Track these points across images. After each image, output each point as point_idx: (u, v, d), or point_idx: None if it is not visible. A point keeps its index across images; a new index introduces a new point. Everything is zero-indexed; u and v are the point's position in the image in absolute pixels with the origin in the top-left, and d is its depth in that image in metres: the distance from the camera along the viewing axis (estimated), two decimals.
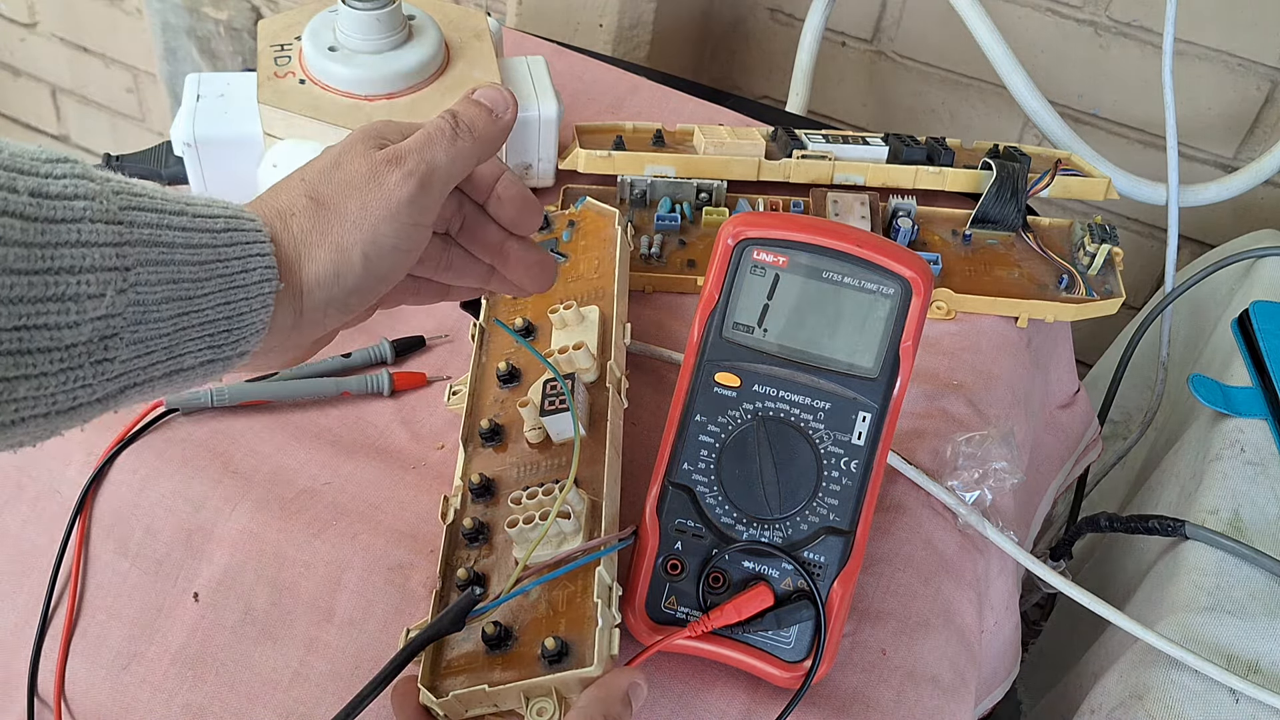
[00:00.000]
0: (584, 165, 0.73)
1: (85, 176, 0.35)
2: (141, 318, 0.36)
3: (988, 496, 0.60)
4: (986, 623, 0.63)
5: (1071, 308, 0.71)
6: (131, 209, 0.36)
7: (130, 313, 0.36)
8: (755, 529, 0.51)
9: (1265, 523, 0.65)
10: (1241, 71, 1.01)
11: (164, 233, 0.37)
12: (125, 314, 0.36)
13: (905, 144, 0.77)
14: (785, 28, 1.20)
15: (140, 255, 0.36)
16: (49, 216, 0.34)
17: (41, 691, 0.54)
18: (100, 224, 0.35)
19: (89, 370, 0.35)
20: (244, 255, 0.39)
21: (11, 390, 0.33)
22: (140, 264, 0.36)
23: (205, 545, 0.56)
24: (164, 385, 0.39)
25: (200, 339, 0.39)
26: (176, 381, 0.39)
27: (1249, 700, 0.57)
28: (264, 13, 1.42)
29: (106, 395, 0.36)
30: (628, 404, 0.57)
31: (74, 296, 0.34)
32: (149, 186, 0.38)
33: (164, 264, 0.37)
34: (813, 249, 0.51)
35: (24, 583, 0.56)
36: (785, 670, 0.50)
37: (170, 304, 0.37)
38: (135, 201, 0.37)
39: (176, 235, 0.37)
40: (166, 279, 0.37)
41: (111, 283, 0.35)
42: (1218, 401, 0.72)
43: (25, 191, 0.33)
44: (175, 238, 0.37)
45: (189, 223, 0.38)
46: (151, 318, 0.37)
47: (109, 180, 0.36)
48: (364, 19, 0.63)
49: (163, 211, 0.37)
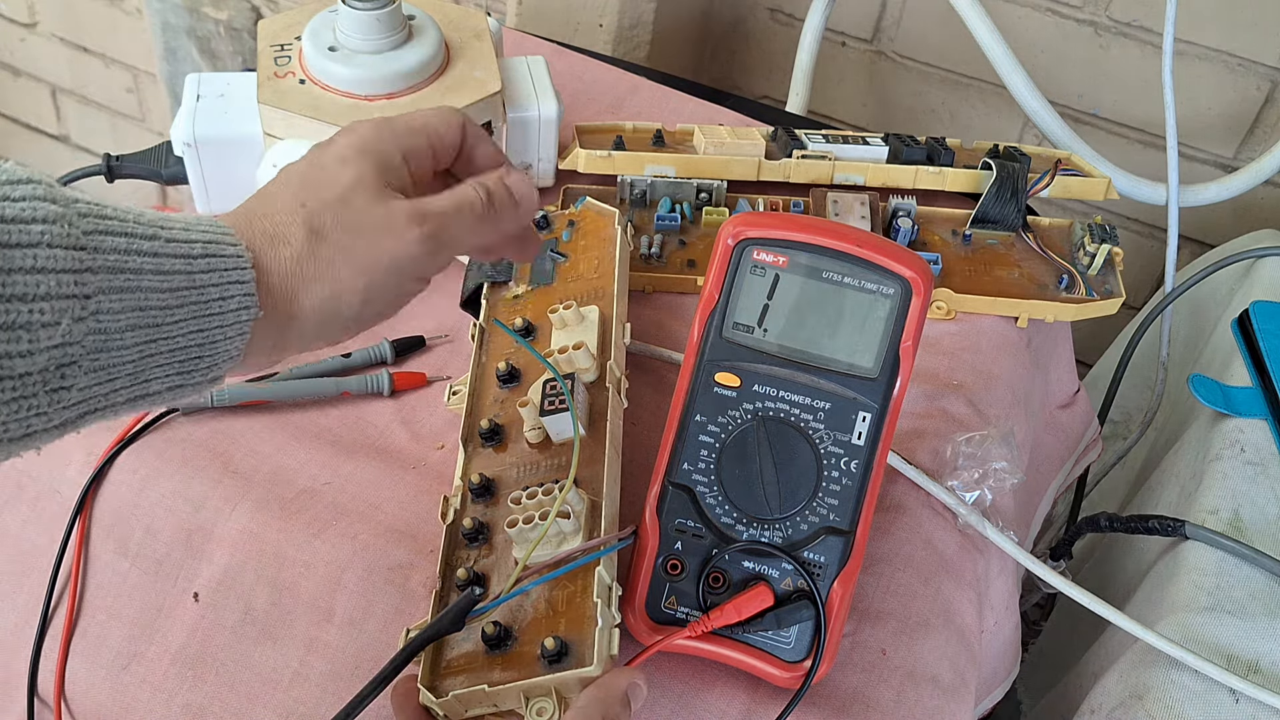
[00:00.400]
0: (584, 165, 0.73)
1: (47, 199, 0.34)
2: (103, 345, 0.35)
3: (988, 496, 0.60)
4: (986, 623, 0.63)
5: (1071, 308, 0.71)
6: (98, 233, 0.35)
7: (90, 341, 0.34)
8: (755, 529, 0.51)
9: (1265, 523, 0.65)
10: (1241, 71, 1.01)
11: (131, 259, 0.36)
12: (85, 342, 0.34)
13: (905, 144, 0.77)
14: (785, 28, 1.20)
15: (103, 282, 0.35)
16: (3, 241, 0.32)
17: (41, 691, 0.54)
18: (59, 249, 0.33)
19: (43, 399, 0.34)
20: (221, 282, 0.38)
21: None
22: (102, 291, 0.35)
23: (205, 545, 0.56)
24: (128, 409, 0.38)
25: (169, 365, 0.38)
26: (141, 405, 0.38)
27: (1249, 700, 0.57)
28: (264, 13, 1.42)
29: (65, 422, 0.35)
30: (628, 404, 0.57)
31: (26, 325, 0.32)
32: (121, 209, 0.37)
33: (129, 290, 0.35)
34: (813, 249, 0.51)
35: (24, 583, 0.56)
36: (785, 670, 0.50)
37: (136, 331, 0.36)
38: (103, 225, 0.35)
39: (145, 261, 0.36)
40: (132, 306, 0.36)
41: (69, 311, 0.34)
42: (1218, 401, 0.72)
43: None
44: (144, 264, 0.36)
45: (161, 248, 0.37)
46: (114, 345, 0.35)
47: (75, 203, 0.35)
48: (364, 19, 0.63)
49: (132, 235, 0.36)
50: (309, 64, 0.65)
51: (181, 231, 0.38)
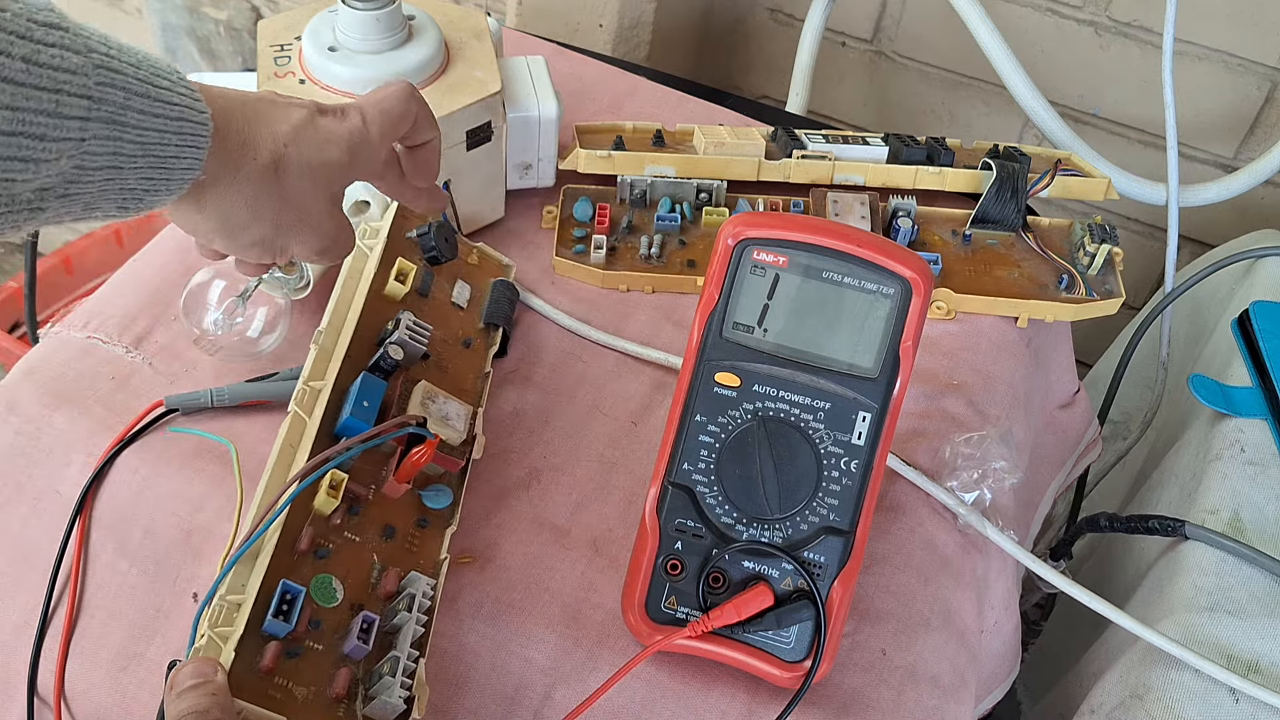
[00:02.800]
0: (584, 165, 0.73)
1: (72, 49, 0.37)
2: (78, 178, 0.39)
3: (987, 496, 0.60)
4: (986, 623, 0.63)
5: (1071, 308, 0.71)
6: (105, 85, 0.38)
7: (71, 173, 0.38)
8: (755, 529, 0.51)
9: (1265, 523, 0.65)
10: (1241, 71, 1.01)
11: (124, 113, 0.39)
12: (66, 174, 0.38)
13: (905, 144, 0.77)
14: (785, 28, 1.20)
15: (97, 130, 0.38)
16: (35, 84, 0.36)
17: (41, 691, 0.54)
18: (75, 97, 0.37)
19: (22, 216, 0.38)
20: (182, 146, 0.42)
21: None
22: (95, 137, 0.38)
23: (205, 545, 0.56)
24: (68, 222, 0.41)
25: (118, 198, 0.41)
26: (81, 222, 0.42)
27: (1249, 700, 0.57)
28: (264, 13, 1.42)
29: (21, 229, 0.39)
30: None
31: (35, 160, 0.36)
32: (124, 56, 0.40)
33: (113, 139, 0.39)
34: (813, 249, 0.51)
35: (24, 583, 0.56)
36: (785, 670, 0.50)
37: (106, 170, 0.40)
38: (110, 79, 0.39)
39: (132, 116, 0.39)
40: (110, 150, 0.39)
41: (67, 151, 0.37)
42: (1218, 401, 0.72)
43: (19, 57, 0.35)
44: (130, 119, 0.39)
45: (147, 105, 0.40)
46: (86, 179, 0.39)
47: (92, 52, 0.38)
48: (364, 19, 0.63)
49: (129, 91, 0.39)
50: (309, 64, 0.65)
51: (166, 90, 0.41)
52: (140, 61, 0.40)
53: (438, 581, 0.52)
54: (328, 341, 0.56)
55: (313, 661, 0.46)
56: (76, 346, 0.63)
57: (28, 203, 0.38)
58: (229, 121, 0.44)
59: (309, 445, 0.51)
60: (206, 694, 0.41)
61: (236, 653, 0.44)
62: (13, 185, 0.36)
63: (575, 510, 0.59)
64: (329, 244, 0.50)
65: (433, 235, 0.60)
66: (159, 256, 0.69)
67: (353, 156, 0.48)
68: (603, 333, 0.67)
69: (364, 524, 0.51)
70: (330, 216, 0.49)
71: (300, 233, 0.48)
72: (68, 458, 0.58)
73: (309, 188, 0.47)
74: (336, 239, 0.50)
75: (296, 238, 0.48)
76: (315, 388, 0.54)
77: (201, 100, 0.43)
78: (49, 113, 0.36)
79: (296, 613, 0.45)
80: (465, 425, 0.56)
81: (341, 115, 0.49)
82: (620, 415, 0.63)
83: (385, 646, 0.48)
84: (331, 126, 0.48)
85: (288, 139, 0.46)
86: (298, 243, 0.49)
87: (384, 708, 0.46)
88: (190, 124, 0.42)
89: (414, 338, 0.57)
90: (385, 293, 0.59)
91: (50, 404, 0.60)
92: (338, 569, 0.49)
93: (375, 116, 0.50)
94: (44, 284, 1.28)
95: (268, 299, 0.61)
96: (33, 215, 0.38)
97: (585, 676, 0.52)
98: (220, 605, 0.46)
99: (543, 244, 0.73)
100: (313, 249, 0.50)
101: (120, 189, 0.41)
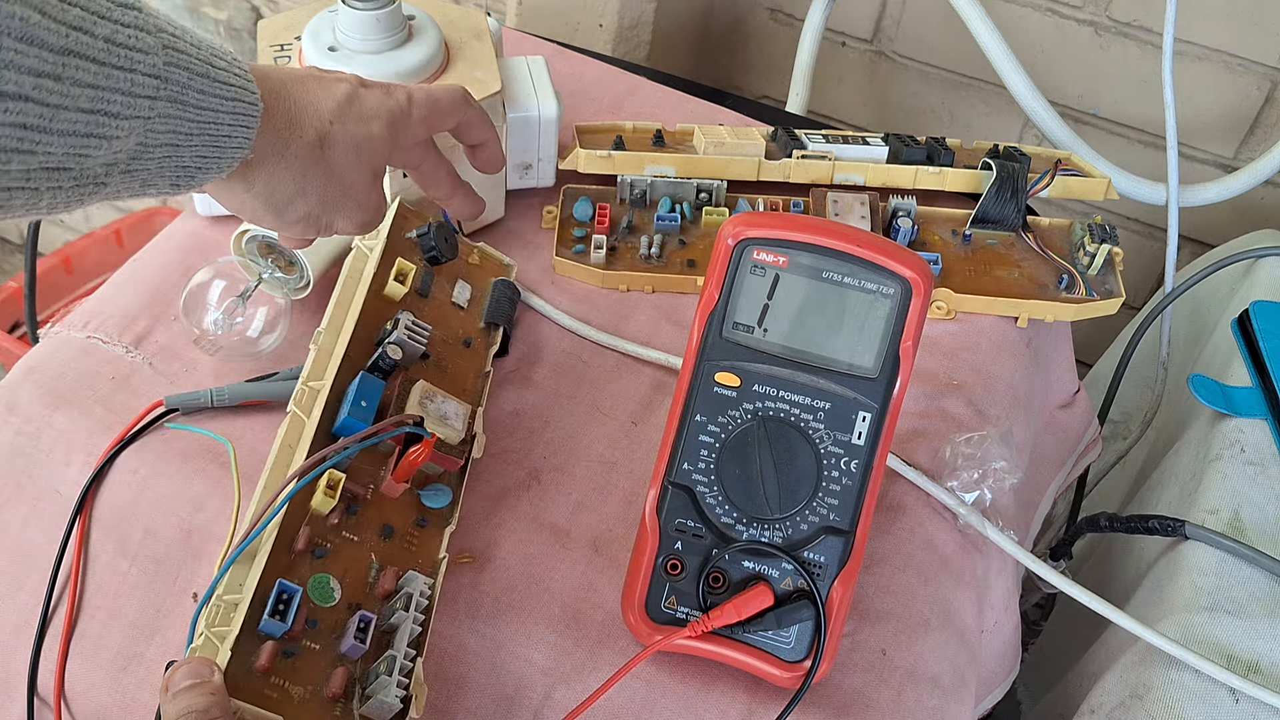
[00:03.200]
0: (584, 165, 0.73)
1: (145, 29, 0.39)
2: (140, 154, 0.40)
3: (987, 496, 0.60)
4: (986, 623, 0.63)
5: (1071, 308, 0.71)
6: (172, 65, 0.40)
7: (134, 149, 0.40)
8: (755, 529, 0.51)
9: (1265, 523, 0.65)
10: (1241, 71, 1.01)
11: (187, 93, 0.41)
12: (131, 150, 0.39)
13: (905, 144, 0.77)
14: (785, 28, 1.20)
15: (163, 109, 0.40)
16: (114, 63, 0.37)
17: (41, 691, 0.54)
18: (147, 77, 0.38)
19: (88, 190, 0.39)
20: (234, 125, 0.43)
21: (8, 198, 0.36)
22: (160, 116, 0.40)
23: (205, 545, 0.56)
24: (126, 198, 0.42)
25: (173, 175, 0.42)
26: (135, 199, 0.43)
27: (1249, 700, 0.57)
28: (264, 13, 1.42)
29: (85, 202, 0.40)
30: None
31: (107, 136, 0.38)
32: (187, 38, 0.41)
33: (175, 118, 0.40)
34: (813, 249, 0.51)
35: (24, 583, 0.56)
36: (785, 670, 0.50)
37: (164, 148, 0.41)
38: (176, 59, 0.40)
39: (193, 95, 0.41)
40: (170, 129, 0.41)
41: (136, 129, 0.39)
42: (1218, 401, 0.72)
43: (101, 37, 0.36)
44: (191, 98, 0.41)
45: (206, 85, 0.41)
46: (147, 156, 0.40)
47: (161, 32, 0.40)
48: (364, 19, 0.63)
49: (191, 71, 0.41)
50: (309, 64, 0.65)
51: (223, 71, 0.42)
52: (200, 42, 0.42)
53: (436, 581, 0.52)
54: (327, 342, 0.56)
55: (310, 661, 0.46)
56: (76, 346, 0.63)
57: (94, 178, 0.39)
58: (277, 101, 0.46)
59: (307, 445, 0.51)
60: (204, 694, 0.41)
61: (233, 652, 0.44)
62: (85, 160, 0.38)
63: (575, 510, 0.59)
64: (371, 217, 0.52)
65: (433, 235, 0.60)
66: (159, 256, 0.69)
67: (393, 132, 0.50)
68: (603, 333, 0.67)
69: (362, 523, 0.51)
70: (374, 190, 0.51)
71: (345, 207, 0.50)
72: (68, 458, 0.58)
73: (353, 162, 0.49)
74: (378, 212, 0.52)
75: (341, 212, 0.50)
76: (314, 388, 0.54)
77: (253, 81, 0.44)
78: (124, 91, 0.37)
79: (293, 612, 0.45)
80: (464, 424, 0.56)
81: (386, 91, 0.50)
82: (620, 415, 0.63)
83: (383, 646, 0.48)
84: (374, 100, 0.49)
85: (332, 115, 0.47)
86: (342, 217, 0.50)
87: (380, 707, 0.46)
88: (243, 104, 0.43)
89: (413, 337, 0.57)
90: (385, 293, 0.59)
91: (50, 404, 0.60)
92: (335, 568, 0.49)
93: (421, 99, 0.51)
94: (44, 284, 1.28)
95: (268, 299, 0.61)
96: (97, 189, 0.39)
97: (585, 676, 0.52)
98: (217, 605, 0.46)
99: (543, 244, 0.73)
100: (356, 222, 0.51)
101: (176, 166, 0.42)
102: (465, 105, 0.54)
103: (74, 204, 0.39)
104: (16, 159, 0.35)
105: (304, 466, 0.49)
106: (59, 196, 0.38)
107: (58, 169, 0.37)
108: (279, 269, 0.61)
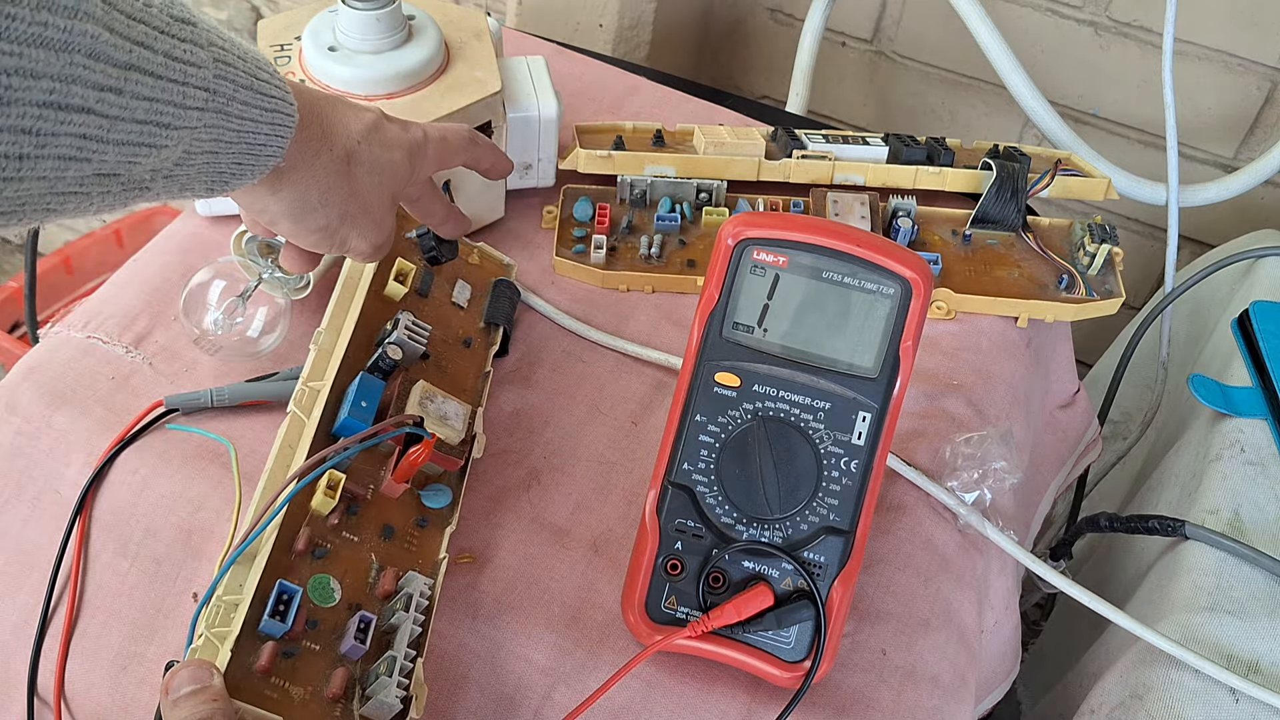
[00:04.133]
0: (584, 165, 0.73)
1: (199, 44, 0.40)
2: (184, 161, 0.41)
3: (987, 496, 0.60)
4: (986, 623, 0.63)
5: (1071, 308, 0.71)
6: (221, 78, 0.41)
7: (179, 156, 0.41)
8: (755, 529, 0.51)
9: (1265, 523, 0.65)
10: (1241, 71, 1.01)
11: (231, 104, 0.42)
12: (176, 157, 0.41)
13: (905, 144, 0.77)
14: (785, 28, 1.20)
15: (209, 120, 0.41)
16: (170, 76, 0.38)
17: (41, 691, 0.54)
18: (197, 89, 0.40)
19: (134, 193, 0.40)
20: (271, 134, 0.44)
21: (62, 202, 0.37)
22: (205, 126, 0.41)
23: (205, 545, 0.56)
24: (160, 201, 0.44)
25: (211, 179, 0.44)
26: (173, 200, 0.45)
27: (1249, 700, 0.57)
28: (264, 13, 1.42)
29: (126, 206, 0.41)
30: None
31: (157, 145, 0.39)
32: (234, 51, 0.42)
33: (218, 128, 0.42)
34: (813, 249, 0.51)
35: (24, 583, 0.56)
36: (785, 670, 0.50)
37: (205, 155, 0.42)
38: (224, 72, 0.41)
39: (236, 106, 0.42)
40: (214, 137, 0.42)
41: (184, 139, 0.40)
42: (1218, 401, 0.72)
43: (161, 52, 0.38)
44: (235, 109, 0.42)
45: (250, 97, 0.43)
46: (190, 162, 0.42)
47: (212, 45, 0.41)
48: (364, 19, 0.63)
49: (237, 84, 0.42)
50: (309, 64, 0.65)
51: (266, 83, 0.44)
52: (245, 54, 0.43)
53: (436, 581, 0.52)
54: (327, 342, 0.56)
55: (310, 661, 0.46)
56: (76, 346, 0.63)
57: (140, 183, 0.40)
58: (311, 114, 0.47)
59: (307, 445, 0.51)
60: (207, 699, 0.41)
61: (233, 653, 0.44)
62: (134, 168, 0.39)
63: (575, 510, 0.59)
64: (383, 240, 0.53)
65: (432, 236, 0.60)
66: (159, 256, 0.69)
67: (411, 163, 0.52)
68: (603, 333, 0.67)
69: (362, 524, 0.51)
70: (389, 214, 0.52)
71: (361, 225, 0.51)
72: (68, 458, 0.58)
73: (375, 184, 0.50)
74: (390, 236, 0.53)
75: (357, 229, 0.51)
76: (314, 388, 0.54)
77: (290, 93, 0.46)
78: (175, 103, 0.39)
79: (293, 613, 0.45)
80: (464, 424, 0.56)
81: (404, 127, 0.52)
82: (620, 415, 0.63)
83: (383, 646, 0.48)
84: (396, 133, 0.52)
85: (360, 137, 0.49)
86: (357, 235, 0.51)
87: (380, 708, 0.46)
88: (280, 115, 0.45)
89: (412, 338, 0.57)
90: (385, 293, 0.59)
91: (50, 404, 0.60)
92: (335, 569, 0.49)
93: (435, 137, 0.54)
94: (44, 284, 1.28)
95: (268, 299, 0.61)
96: (141, 193, 0.41)
97: (585, 676, 0.52)
98: (217, 605, 0.46)
99: (543, 244, 0.73)
100: (370, 242, 0.52)
101: (214, 171, 0.43)
102: (472, 144, 0.57)
103: (118, 206, 0.40)
104: (74, 166, 0.36)
105: (304, 467, 0.49)
106: (107, 200, 0.39)
107: (109, 175, 0.38)
108: (279, 269, 0.61)
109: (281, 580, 0.46)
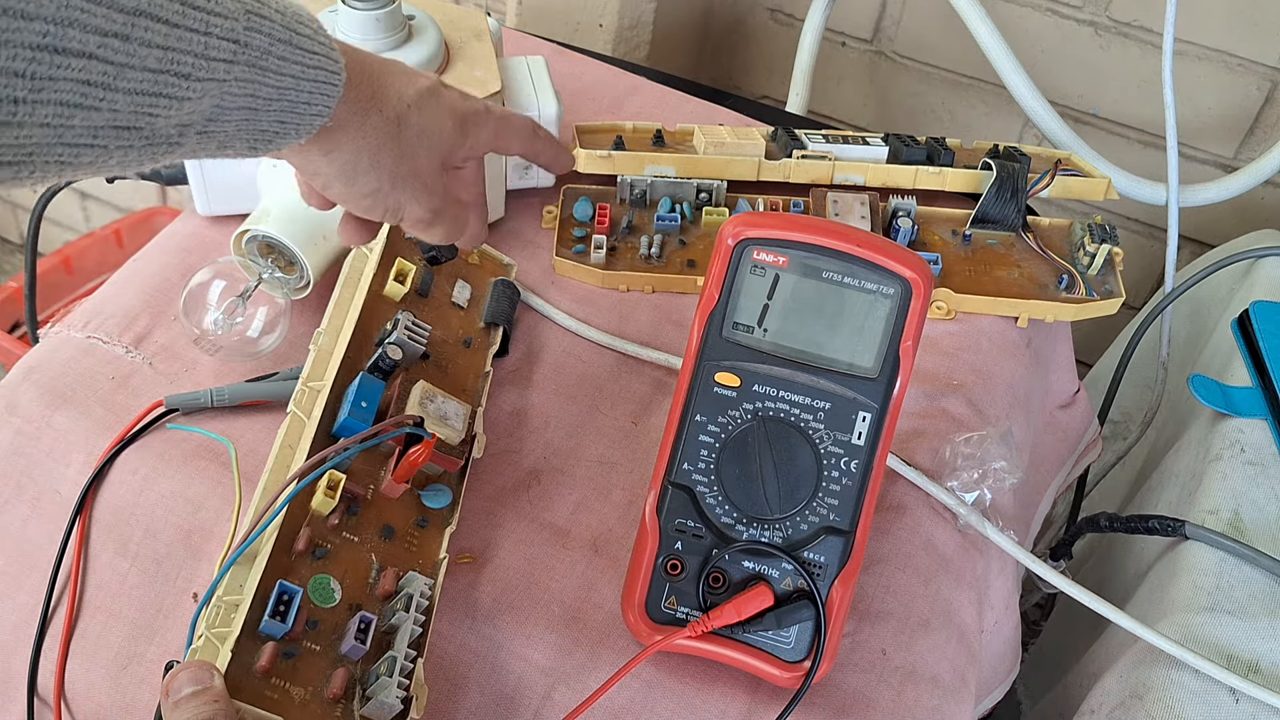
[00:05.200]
0: (584, 165, 0.73)
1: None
2: (217, 116, 0.40)
3: (987, 496, 0.60)
4: (986, 623, 0.63)
5: (1071, 308, 0.71)
6: (252, 30, 0.40)
7: (211, 111, 0.39)
8: (755, 529, 0.51)
9: (1265, 523, 0.65)
10: (1241, 71, 1.01)
11: (266, 58, 0.40)
12: (206, 112, 0.39)
13: (905, 144, 0.77)
14: (785, 28, 1.20)
15: (240, 73, 0.39)
16: (187, 25, 0.37)
17: (41, 691, 0.54)
18: (223, 40, 0.38)
19: (162, 149, 0.39)
20: (315, 93, 0.43)
21: (75, 154, 0.36)
22: (236, 79, 0.39)
23: (205, 545, 0.56)
24: (205, 157, 0.43)
25: (251, 136, 0.42)
26: (216, 157, 0.43)
27: (1249, 700, 0.57)
28: None
29: (156, 163, 0.40)
30: None
31: (179, 97, 0.37)
32: (271, 3, 0.41)
33: (252, 82, 0.40)
34: (813, 249, 0.51)
35: (24, 583, 0.56)
36: (785, 670, 0.50)
37: (241, 111, 0.41)
38: (257, 24, 0.40)
39: (273, 62, 0.41)
40: (249, 93, 0.40)
41: (210, 91, 0.39)
42: (1218, 401, 0.72)
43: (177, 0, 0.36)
44: (271, 64, 0.41)
45: (288, 52, 0.41)
46: (224, 118, 0.40)
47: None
48: (364, 19, 0.63)
49: (272, 37, 0.41)
50: None
51: (307, 39, 0.42)
52: (284, 8, 0.42)
53: (436, 581, 0.52)
54: (327, 342, 0.56)
55: (310, 662, 0.46)
56: (76, 346, 0.63)
57: (167, 138, 0.39)
58: (361, 74, 0.46)
59: (307, 446, 0.51)
60: (208, 701, 0.41)
61: (233, 653, 0.44)
62: (154, 120, 0.37)
63: (575, 510, 0.59)
64: (440, 205, 0.51)
65: None
66: (159, 256, 0.69)
67: (463, 131, 0.50)
68: (603, 333, 0.67)
69: (362, 524, 0.51)
70: (439, 179, 0.51)
71: (413, 188, 0.50)
72: (68, 458, 0.58)
73: (426, 148, 0.49)
74: (445, 203, 0.51)
75: (409, 193, 0.50)
76: (314, 388, 0.54)
77: (337, 51, 0.44)
78: (196, 53, 0.37)
79: (293, 613, 0.45)
80: (464, 425, 0.56)
81: (464, 96, 0.51)
82: (620, 415, 0.63)
83: (383, 647, 0.48)
84: (454, 99, 0.50)
85: (412, 100, 0.48)
86: (410, 199, 0.50)
87: (381, 708, 0.46)
88: (325, 72, 0.43)
89: (412, 338, 0.57)
90: (385, 293, 0.59)
91: (50, 404, 0.60)
92: (335, 569, 0.49)
93: (497, 114, 0.52)
94: (44, 284, 1.28)
95: (268, 299, 0.61)
96: (171, 149, 0.39)
97: (585, 676, 0.52)
98: (218, 606, 0.46)
99: (543, 244, 0.73)
100: (425, 207, 0.50)
101: (254, 129, 0.42)
102: (534, 136, 0.55)
103: (147, 162, 0.39)
104: (80, 114, 0.35)
105: (304, 467, 0.49)
106: (130, 155, 0.38)
107: (126, 128, 0.37)
108: (279, 269, 0.61)
109: (282, 580, 0.46)
